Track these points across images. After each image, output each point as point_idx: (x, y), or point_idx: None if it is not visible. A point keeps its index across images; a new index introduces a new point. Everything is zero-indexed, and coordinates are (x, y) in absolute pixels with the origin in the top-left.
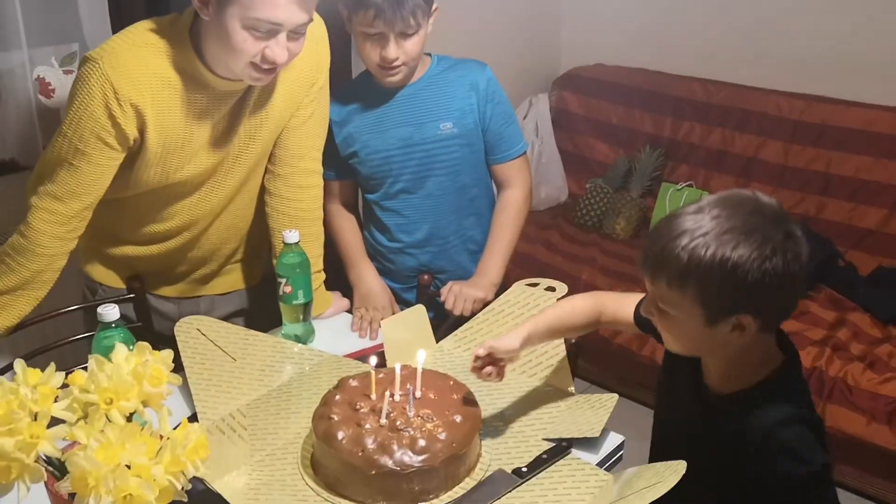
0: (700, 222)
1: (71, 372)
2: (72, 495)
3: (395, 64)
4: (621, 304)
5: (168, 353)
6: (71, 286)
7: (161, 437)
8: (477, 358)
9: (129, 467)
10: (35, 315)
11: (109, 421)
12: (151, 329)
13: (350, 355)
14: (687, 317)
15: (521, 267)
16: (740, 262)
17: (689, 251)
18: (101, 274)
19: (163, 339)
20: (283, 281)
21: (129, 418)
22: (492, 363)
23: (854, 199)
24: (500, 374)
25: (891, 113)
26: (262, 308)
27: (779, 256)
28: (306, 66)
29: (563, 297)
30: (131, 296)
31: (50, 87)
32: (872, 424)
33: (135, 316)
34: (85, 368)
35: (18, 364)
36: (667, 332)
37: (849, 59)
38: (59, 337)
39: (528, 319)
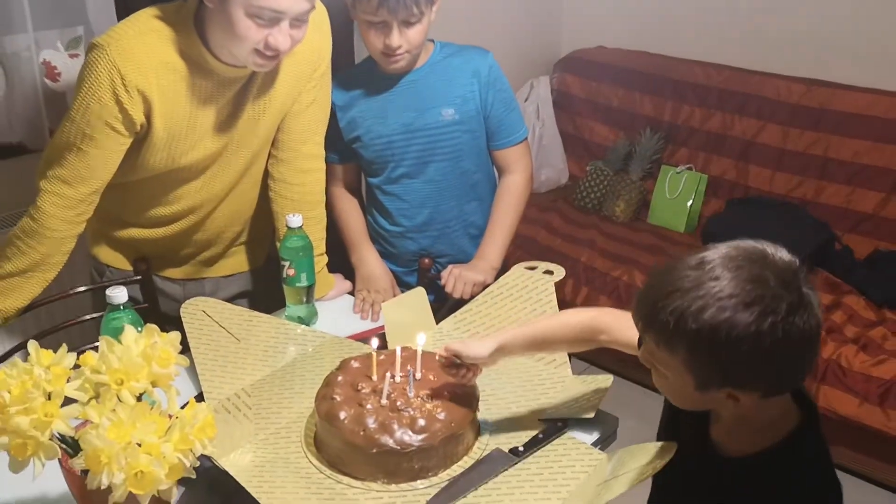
0: (697, 281)
1: (80, 352)
2: (85, 472)
3: (398, 52)
4: (626, 327)
5: (176, 335)
6: (79, 268)
7: (170, 416)
8: (442, 360)
9: (139, 445)
10: (44, 296)
11: (120, 401)
12: (157, 310)
13: (352, 337)
14: (677, 379)
15: (521, 249)
16: (732, 335)
17: (678, 315)
18: (109, 256)
19: (168, 320)
20: (287, 264)
21: (138, 398)
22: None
23: (852, 182)
24: (475, 374)
25: (890, 97)
26: (265, 289)
27: (779, 331)
28: (308, 52)
29: (559, 282)
30: (138, 277)
31: (56, 71)
32: (865, 406)
33: (141, 297)
34: (93, 348)
35: (32, 345)
36: (660, 388)
37: (848, 44)
38: (66, 317)
39: (507, 328)
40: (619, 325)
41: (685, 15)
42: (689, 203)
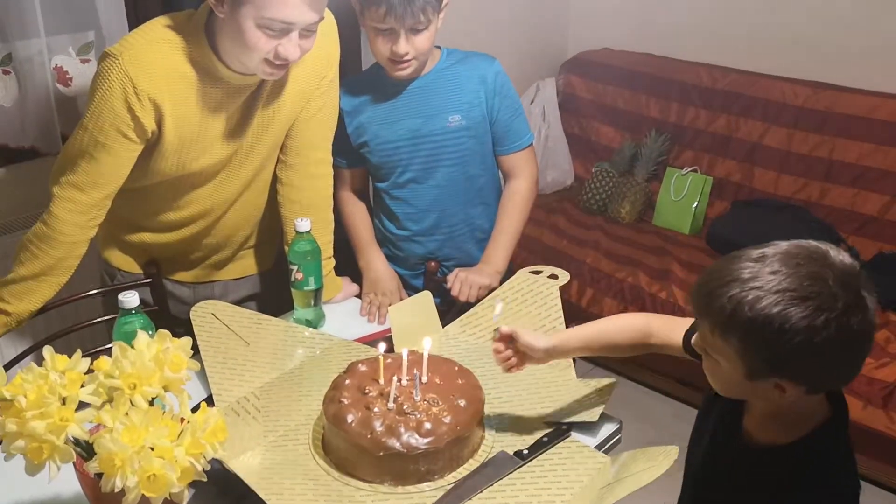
0: (756, 273)
1: (91, 354)
2: (99, 475)
3: (406, 58)
4: (672, 329)
5: (187, 340)
6: (90, 271)
7: (182, 420)
8: (500, 334)
9: (152, 449)
10: (56, 299)
11: (133, 405)
12: (167, 313)
13: (359, 339)
14: (728, 365)
15: (526, 250)
16: (786, 326)
17: (735, 303)
18: (120, 259)
19: (178, 323)
20: (295, 268)
21: (151, 402)
22: (514, 351)
23: (856, 185)
24: (519, 366)
25: (894, 100)
26: (274, 292)
27: (832, 328)
28: (317, 60)
29: (565, 284)
30: (148, 280)
31: (68, 76)
32: (868, 408)
33: (151, 300)
34: (103, 350)
35: (48, 351)
36: (710, 373)
37: (853, 47)
38: (77, 319)
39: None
40: (668, 329)
41: (690, 18)
42: (695, 205)
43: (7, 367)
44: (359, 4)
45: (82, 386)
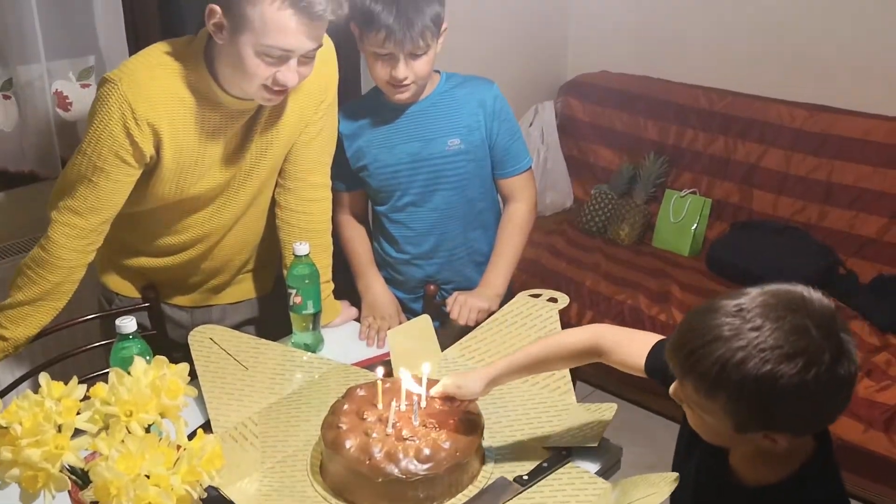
0: (738, 330)
1: (88, 379)
2: (94, 503)
3: (405, 83)
4: (629, 348)
5: (184, 367)
6: (86, 295)
7: (178, 447)
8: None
9: (148, 477)
10: (53, 324)
11: (129, 432)
12: (165, 337)
13: (358, 364)
14: (716, 421)
15: (526, 272)
16: (777, 385)
17: (720, 364)
18: (117, 284)
19: (176, 347)
20: (294, 292)
21: (147, 429)
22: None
23: (854, 207)
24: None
25: (891, 122)
26: (272, 316)
27: (823, 380)
28: (315, 84)
29: (565, 307)
30: (146, 305)
31: (67, 101)
32: (870, 431)
33: (149, 324)
34: (101, 375)
35: (43, 377)
36: (694, 425)
37: (849, 70)
38: (74, 344)
39: (503, 357)
40: (622, 349)
41: (688, 41)
42: (694, 226)
43: (3, 393)
44: (358, 29)
45: (78, 413)
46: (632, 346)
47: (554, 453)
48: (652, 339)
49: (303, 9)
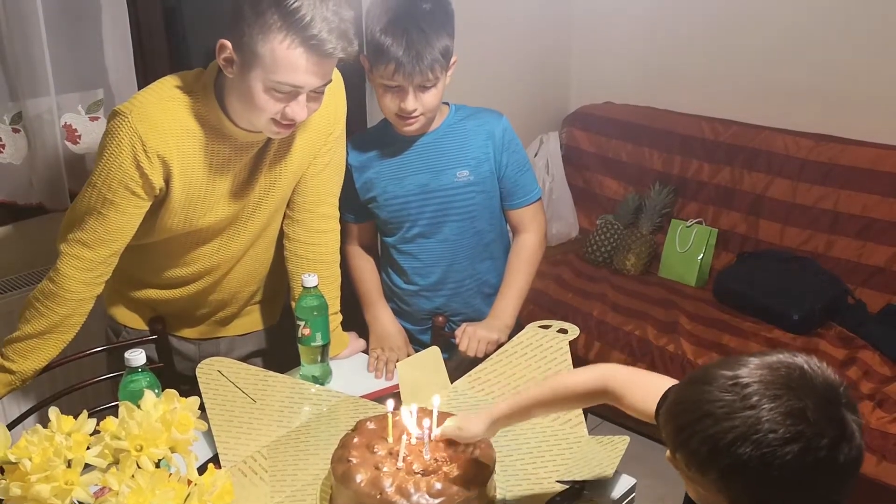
0: (731, 409)
1: (95, 412)
2: None
3: (414, 115)
4: (638, 393)
5: (194, 400)
6: (93, 327)
7: (189, 482)
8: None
9: None
10: (61, 357)
11: (139, 467)
12: (173, 369)
13: (366, 396)
14: (708, 493)
15: (532, 303)
16: (770, 472)
17: (710, 444)
18: (125, 316)
19: (184, 379)
20: (302, 323)
21: (157, 464)
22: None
23: (862, 236)
24: (477, 448)
25: None
26: (279, 348)
27: (821, 466)
28: (324, 117)
29: (574, 338)
30: (154, 337)
31: (77, 134)
32: (883, 464)
33: (157, 357)
34: (108, 408)
35: (53, 412)
36: (691, 493)
37: (855, 99)
38: (80, 376)
39: (508, 397)
40: (631, 392)
41: (692, 71)
42: (700, 256)
43: (10, 426)
44: (367, 62)
45: (88, 448)
46: (642, 391)
47: (567, 487)
48: (662, 382)
49: (313, 47)
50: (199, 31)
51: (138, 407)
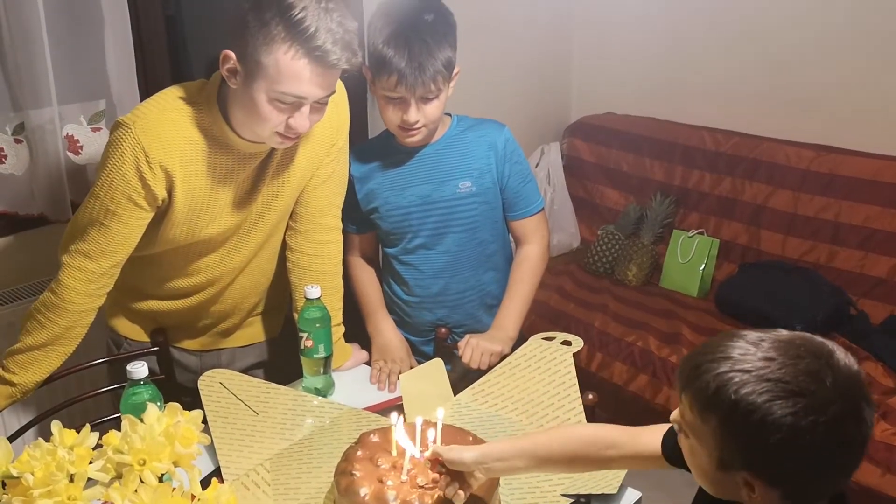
0: (748, 355)
1: (94, 425)
2: None
3: (416, 126)
4: (639, 436)
5: (198, 414)
6: (93, 339)
7: (192, 497)
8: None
9: None
10: (62, 369)
11: (142, 482)
12: (174, 381)
13: (369, 408)
14: (702, 451)
15: (534, 313)
16: (768, 419)
17: (719, 382)
18: (126, 328)
19: (185, 391)
20: (305, 335)
21: (160, 478)
22: (451, 475)
23: (864, 247)
24: (463, 488)
25: None
26: (281, 359)
27: (819, 433)
28: (327, 128)
29: (578, 350)
30: (155, 349)
31: (78, 145)
32: (887, 476)
33: (158, 368)
34: (108, 420)
35: (56, 425)
36: (686, 456)
37: (856, 110)
38: (80, 388)
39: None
40: (633, 439)
41: (693, 82)
42: (702, 267)
43: (10, 439)
44: (370, 73)
45: (90, 462)
46: (650, 433)
47: (572, 501)
48: (659, 427)
49: (317, 58)
50: (200, 42)
51: (141, 420)
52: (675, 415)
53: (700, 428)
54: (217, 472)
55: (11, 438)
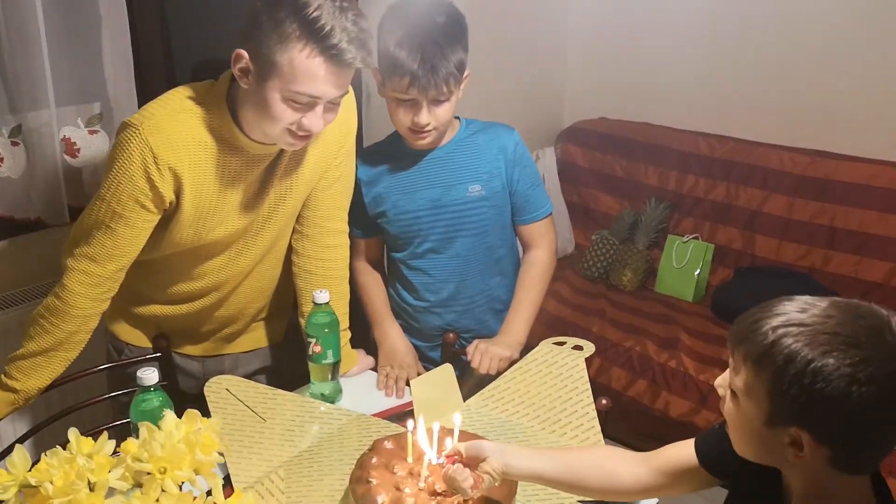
0: (806, 312)
1: (93, 433)
2: None
3: (426, 129)
4: (676, 447)
5: (217, 420)
6: (91, 345)
7: None
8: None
9: None
10: (63, 376)
11: (164, 490)
12: (177, 387)
13: (377, 414)
14: (751, 406)
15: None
16: (823, 370)
17: (777, 334)
18: (128, 333)
19: (187, 398)
20: (313, 341)
21: (180, 487)
22: (466, 464)
23: (859, 252)
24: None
25: (894, 168)
26: (284, 365)
27: (874, 387)
28: (335, 130)
29: (590, 356)
30: (157, 355)
31: (75, 147)
32: (890, 480)
33: (160, 375)
34: (108, 428)
35: (73, 432)
36: (730, 419)
37: (851, 115)
38: (77, 395)
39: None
40: (665, 449)
41: (687, 87)
42: (697, 272)
43: (7, 451)
44: (381, 75)
45: (109, 470)
46: (675, 447)
47: None
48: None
49: (333, 57)
50: (198, 45)
51: (158, 427)
52: (720, 380)
53: (752, 383)
54: (226, 480)
55: (8, 451)
